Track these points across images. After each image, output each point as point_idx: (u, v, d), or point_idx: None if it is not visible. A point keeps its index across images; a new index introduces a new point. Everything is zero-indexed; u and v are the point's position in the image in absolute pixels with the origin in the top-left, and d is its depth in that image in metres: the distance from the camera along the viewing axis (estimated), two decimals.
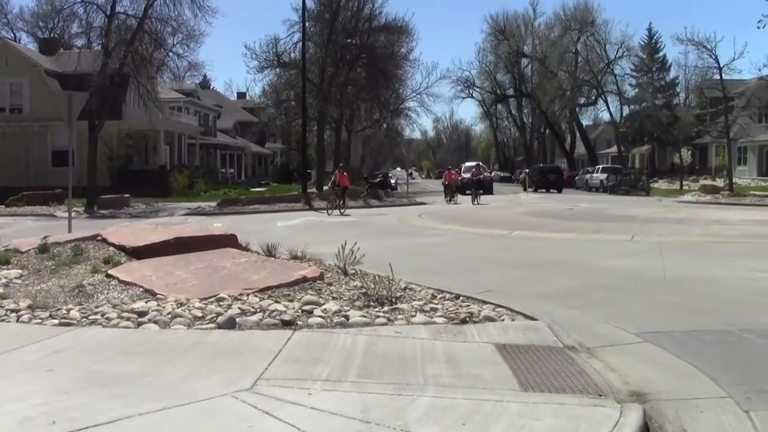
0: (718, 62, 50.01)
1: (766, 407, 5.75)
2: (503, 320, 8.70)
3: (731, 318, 9.03)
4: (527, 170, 74.30)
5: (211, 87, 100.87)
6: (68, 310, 8.71)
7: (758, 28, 47.06)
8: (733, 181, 51.05)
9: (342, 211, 33.24)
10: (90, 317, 8.44)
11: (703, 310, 9.63)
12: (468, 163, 65.07)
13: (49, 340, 7.43)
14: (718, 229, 22.51)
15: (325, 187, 38.71)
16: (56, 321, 8.29)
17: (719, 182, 54.91)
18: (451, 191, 45.78)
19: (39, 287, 10.02)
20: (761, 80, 50.41)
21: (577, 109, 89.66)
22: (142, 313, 8.49)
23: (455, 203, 43.02)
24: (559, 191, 59.84)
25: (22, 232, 22.14)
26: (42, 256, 12.05)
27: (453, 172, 48.87)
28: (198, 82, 73.70)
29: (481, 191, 45.21)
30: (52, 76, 48.39)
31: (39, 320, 8.39)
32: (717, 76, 51.71)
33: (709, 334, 8.20)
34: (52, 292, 9.66)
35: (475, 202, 41.72)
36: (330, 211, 32.84)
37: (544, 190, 60.52)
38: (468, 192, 48.84)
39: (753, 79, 55.39)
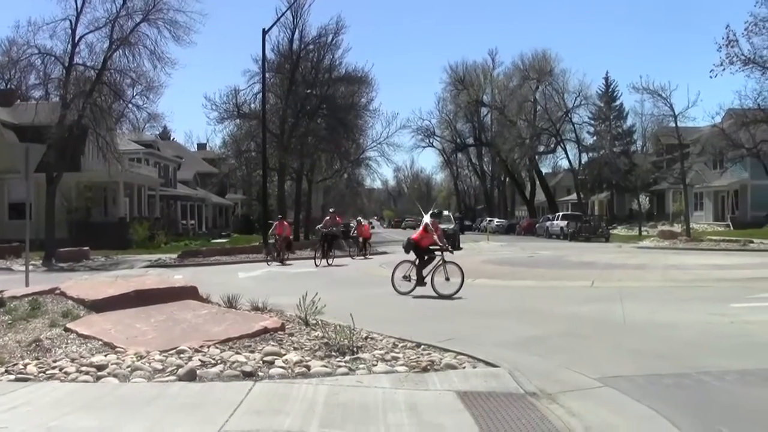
0: (673, 110, 51.19)
1: None
2: (465, 368, 8.71)
3: (689, 361, 9.15)
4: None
5: (171, 138, 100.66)
6: (25, 365, 8.57)
7: (710, 77, 48.15)
8: (690, 226, 51.82)
9: (283, 261, 33.12)
10: (48, 372, 8.32)
11: (662, 355, 9.72)
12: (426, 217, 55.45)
13: (5, 396, 7.31)
14: (676, 274, 22.79)
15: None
16: (12, 377, 8.15)
17: (677, 227, 55.75)
18: (277, 249, 34.08)
19: None
20: (714, 128, 51.40)
21: (536, 157, 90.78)
22: (101, 367, 8.39)
23: (281, 262, 32.79)
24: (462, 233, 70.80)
25: None
26: None
27: (286, 223, 35.91)
28: (158, 133, 73.51)
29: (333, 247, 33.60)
30: (9, 127, 47.91)
31: None
32: (672, 124, 52.85)
33: (668, 378, 8.28)
34: (9, 347, 9.52)
35: (318, 263, 30.71)
36: (269, 263, 32.73)
37: None
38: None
39: (707, 126, 56.57)
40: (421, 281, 17.82)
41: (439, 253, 18.17)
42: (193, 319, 10.98)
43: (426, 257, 18.23)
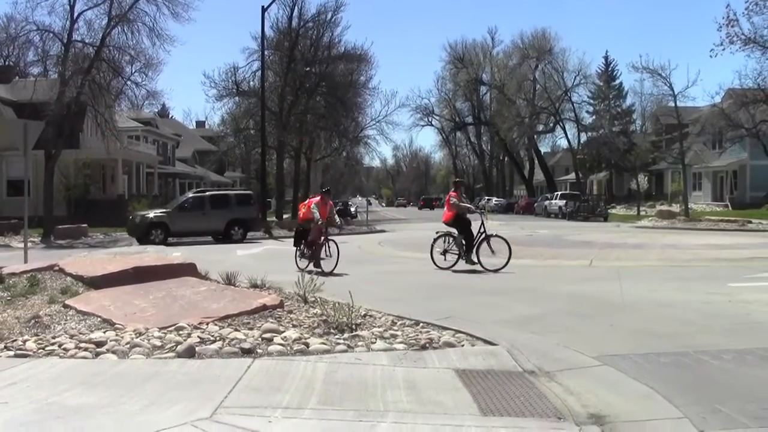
0: (672, 90, 50.99)
1: (720, 427, 5.85)
2: (463, 346, 8.73)
3: (687, 340, 9.16)
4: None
5: (170, 116, 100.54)
6: (24, 342, 8.58)
7: (710, 57, 47.94)
8: (689, 206, 51.79)
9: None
10: (47, 348, 8.32)
11: (659, 334, 9.72)
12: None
13: (4, 372, 7.30)
14: (674, 253, 22.79)
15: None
16: (11, 353, 8.15)
17: (675, 207, 55.68)
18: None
19: None
20: (714, 107, 51.28)
21: (535, 136, 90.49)
22: (100, 343, 8.39)
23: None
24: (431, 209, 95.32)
25: None
26: None
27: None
28: (156, 110, 73.26)
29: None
30: (7, 104, 47.66)
31: None
32: (672, 104, 52.64)
33: (666, 357, 8.29)
34: (8, 323, 9.52)
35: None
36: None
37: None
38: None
39: (706, 106, 56.40)
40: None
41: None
42: (191, 296, 10.98)
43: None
